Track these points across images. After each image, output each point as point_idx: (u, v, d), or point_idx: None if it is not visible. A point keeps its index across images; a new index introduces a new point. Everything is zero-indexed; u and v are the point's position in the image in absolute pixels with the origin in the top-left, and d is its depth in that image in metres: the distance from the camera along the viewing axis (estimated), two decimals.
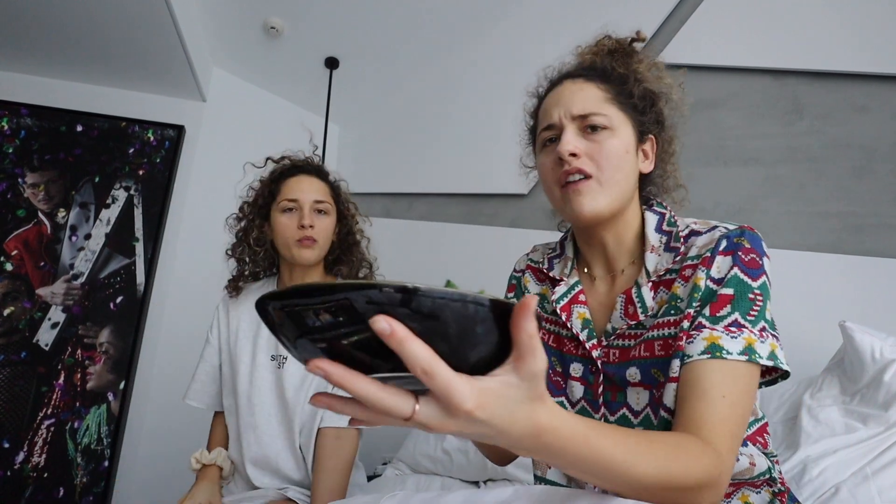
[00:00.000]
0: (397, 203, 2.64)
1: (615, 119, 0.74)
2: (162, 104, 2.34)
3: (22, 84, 2.22)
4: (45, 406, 2.03)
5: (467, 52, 2.43)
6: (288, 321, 0.33)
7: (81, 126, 2.23)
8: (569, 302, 0.80)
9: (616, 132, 0.74)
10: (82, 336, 2.11)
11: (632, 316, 0.72)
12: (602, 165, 0.72)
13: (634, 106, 0.78)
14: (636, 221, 0.80)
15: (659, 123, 0.82)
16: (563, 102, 0.76)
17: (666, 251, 0.74)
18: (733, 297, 0.65)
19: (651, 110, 0.80)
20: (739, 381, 0.60)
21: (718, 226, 0.73)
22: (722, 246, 0.68)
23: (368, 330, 0.30)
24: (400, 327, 0.30)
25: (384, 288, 0.30)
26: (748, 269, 0.66)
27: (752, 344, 0.62)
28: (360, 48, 2.40)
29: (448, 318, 0.32)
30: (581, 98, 0.75)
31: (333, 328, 0.32)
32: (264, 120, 2.61)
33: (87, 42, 2.01)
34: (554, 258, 0.89)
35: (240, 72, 2.51)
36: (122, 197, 2.24)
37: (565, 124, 0.75)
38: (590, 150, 0.73)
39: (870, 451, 1.01)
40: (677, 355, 0.65)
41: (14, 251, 2.11)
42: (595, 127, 0.73)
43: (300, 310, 0.32)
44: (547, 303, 0.85)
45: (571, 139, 0.73)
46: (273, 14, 2.18)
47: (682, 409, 0.61)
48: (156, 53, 2.04)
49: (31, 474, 1.98)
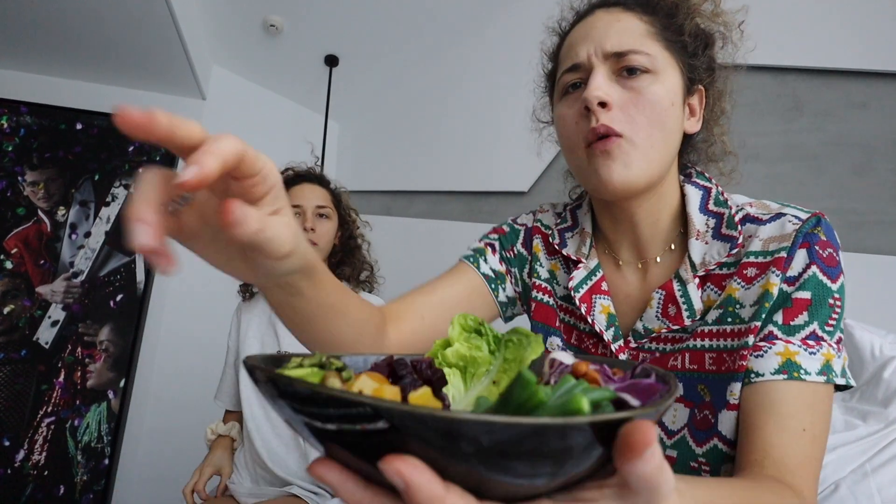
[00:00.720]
0: (397, 201, 2.64)
1: (660, 60, 0.58)
2: (162, 102, 2.34)
3: (21, 82, 2.22)
4: (46, 404, 2.03)
5: (467, 50, 2.43)
6: (277, 396, 0.24)
7: (81, 124, 2.23)
8: (589, 291, 0.67)
9: (660, 77, 0.58)
10: (82, 334, 2.11)
11: (673, 318, 0.60)
12: (638, 121, 0.57)
13: (684, 45, 0.61)
14: (674, 197, 0.65)
15: (711, 71, 0.65)
16: (593, 37, 0.60)
17: (716, 239, 0.60)
18: (811, 302, 0.54)
19: (704, 54, 0.63)
20: (819, 407, 0.52)
21: (785, 212, 0.59)
22: (799, 242, 0.56)
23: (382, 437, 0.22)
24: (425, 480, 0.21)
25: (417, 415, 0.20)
26: (827, 267, 0.55)
27: (829, 361, 0.53)
28: (359, 46, 2.40)
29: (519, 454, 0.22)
30: (617, 31, 0.59)
31: (337, 423, 0.23)
32: (264, 118, 2.61)
33: (86, 40, 2.00)
34: (565, 231, 0.74)
35: (240, 70, 2.51)
36: (122, 195, 2.24)
37: (595, 64, 0.59)
38: (624, 100, 0.57)
39: (869, 449, 1.01)
40: (738, 377, 0.54)
41: (14, 249, 2.11)
42: (633, 69, 0.57)
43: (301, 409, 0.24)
44: (557, 285, 0.72)
45: (602, 83, 0.57)
46: (273, 12, 2.18)
47: (754, 439, 0.52)
48: (156, 51, 2.04)
49: (32, 472, 1.98)
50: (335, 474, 0.25)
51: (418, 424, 0.20)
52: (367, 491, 0.25)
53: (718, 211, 0.62)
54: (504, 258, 0.76)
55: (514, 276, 0.76)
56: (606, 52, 0.58)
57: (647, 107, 0.57)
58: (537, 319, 0.72)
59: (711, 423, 0.57)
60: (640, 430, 0.22)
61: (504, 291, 0.75)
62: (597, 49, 0.59)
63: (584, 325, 0.67)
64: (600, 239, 0.71)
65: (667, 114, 0.58)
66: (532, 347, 0.38)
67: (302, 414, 0.24)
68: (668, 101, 0.58)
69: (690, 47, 0.62)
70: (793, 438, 0.50)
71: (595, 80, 0.57)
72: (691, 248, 0.61)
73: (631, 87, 0.57)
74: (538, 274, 0.74)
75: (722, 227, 0.61)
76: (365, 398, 0.21)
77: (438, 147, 2.51)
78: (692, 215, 0.62)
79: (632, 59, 0.57)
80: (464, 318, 0.40)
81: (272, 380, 0.24)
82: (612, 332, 0.64)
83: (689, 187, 0.65)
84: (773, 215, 0.59)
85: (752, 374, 0.53)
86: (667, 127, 0.58)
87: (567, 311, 0.70)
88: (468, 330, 0.40)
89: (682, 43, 0.61)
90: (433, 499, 0.21)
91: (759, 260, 0.57)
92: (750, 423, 0.53)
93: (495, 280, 0.74)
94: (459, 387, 0.36)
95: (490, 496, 0.24)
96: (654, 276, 0.65)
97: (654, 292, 0.61)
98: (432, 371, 0.32)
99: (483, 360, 0.38)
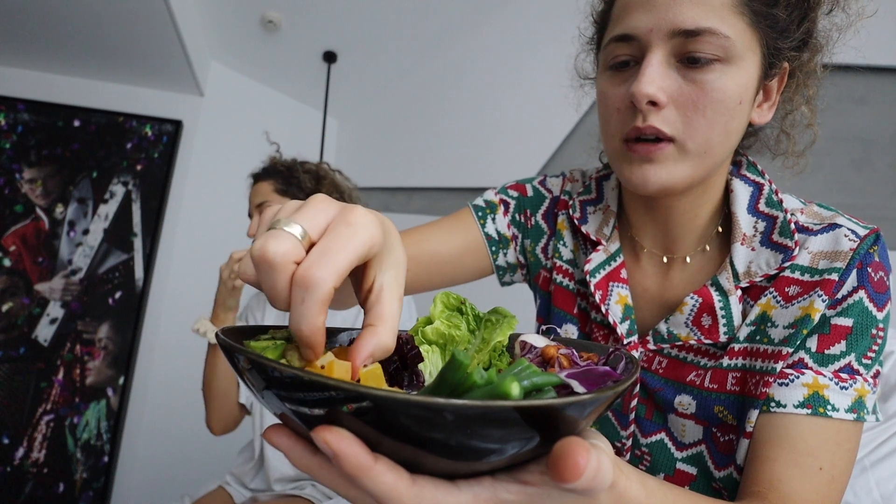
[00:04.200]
0: (396, 197, 2.64)
1: (738, 44, 0.46)
2: (159, 99, 2.33)
3: (19, 79, 2.21)
4: (45, 402, 2.03)
5: (466, 46, 2.42)
6: (258, 376, 0.25)
7: (79, 121, 2.22)
8: (606, 277, 0.59)
9: (733, 66, 0.46)
10: (81, 332, 2.11)
11: (707, 331, 0.52)
12: (695, 123, 0.47)
13: (775, 19, 0.47)
14: (717, 191, 0.56)
15: (803, 47, 0.52)
16: (657, 3, 0.46)
17: (765, 246, 0.52)
18: (851, 330, 0.47)
19: (800, 27, 0.49)
20: (843, 445, 0.46)
21: (839, 222, 0.50)
22: (855, 264, 0.47)
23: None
24: (352, 451, 0.22)
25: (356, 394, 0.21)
26: (876, 293, 0.47)
27: (863, 397, 0.46)
28: (358, 42, 2.39)
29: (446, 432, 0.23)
30: (692, 1, 0.45)
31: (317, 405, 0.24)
32: (262, 114, 2.60)
33: (84, 37, 1.99)
34: (587, 203, 0.64)
35: (237, 66, 2.50)
36: (120, 192, 2.23)
37: (653, 43, 0.47)
38: (683, 96, 0.47)
39: (868, 443, 1.01)
40: (757, 404, 0.48)
41: (12, 247, 2.10)
42: (699, 59, 0.45)
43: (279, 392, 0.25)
44: (576, 267, 0.64)
45: (657, 75, 0.46)
46: (271, 8, 2.17)
47: (762, 470, 0.46)
48: (153, 48, 2.03)
49: (31, 470, 1.98)
50: (285, 440, 0.26)
51: (341, 398, 0.22)
52: (314, 457, 0.26)
53: (770, 213, 0.53)
54: (515, 222, 0.69)
55: (523, 246, 0.69)
56: (673, 28, 0.45)
57: (710, 107, 0.46)
58: (557, 305, 0.65)
59: (734, 448, 0.51)
60: (570, 457, 0.23)
61: (505, 256, 0.69)
62: (660, 23, 0.46)
63: (597, 315, 0.60)
64: (624, 220, 0.62)
65: (732, 114, 0.47)
66: (502, 328, 0.39)
67: (251, 385, 0.25)
68: (737, 99, 0.47)
69: (784, 21, 0.48)
70: (806, 475, 0.45)
71: (649, 70, 0.46)
72: (735, 254, 0.52)
73: (694, 80, 0.46)
74: (560, 254, 0.65)
75: (773, 232, 0.52)
76: (290, 369, 0.22)
77: (437, 143, 2.51)
78: (738, 216, 0.53)
79: (703, 43, 0.45)
80: (446, 297, 0.41)
81: (227, 349, 0.25)
82: (626, 326, 0.57)
83: (738, 182, 0.55)
84: (826, 226, 0.50)
85: (772, 403, 0.47)
86: (729, 129, 0.48)
87: (585, 297, 0.63)
88: (450, 308, 0.41)
89: (772, 17, 0.47)
90: (360, 467, 0.23)
91: (805, 278, 0.49)
92: (760, 453, 0.47)
93: (498, 243, 0.68)
94: (438, 364, 0.37)
95: (425, 471, 0.25)
96: (681, 275, 0.57)
97: (689, 297, 0.53)
98: (409, 347, 0.33)
99: (462, 338, 0.39)
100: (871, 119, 1.47)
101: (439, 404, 0.21)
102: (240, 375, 0.26)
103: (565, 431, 0.25)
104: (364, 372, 0.27)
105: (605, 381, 0.29)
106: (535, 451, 0.25)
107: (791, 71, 0.53)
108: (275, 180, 1.31)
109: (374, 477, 0.23)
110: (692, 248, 0.57)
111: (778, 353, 0.48)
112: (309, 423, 0.24)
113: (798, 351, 0.48)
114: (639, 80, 0.46)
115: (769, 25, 0.48)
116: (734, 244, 0.53)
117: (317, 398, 0.22)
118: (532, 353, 0.35)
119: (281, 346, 0.30)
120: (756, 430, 0.48)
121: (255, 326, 0.33)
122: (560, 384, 0.28)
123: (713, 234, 0.56)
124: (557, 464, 0.23)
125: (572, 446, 0.23)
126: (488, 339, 0.39)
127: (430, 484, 0.25)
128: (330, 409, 0.23)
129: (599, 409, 0.26)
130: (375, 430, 0.23)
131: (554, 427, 0.24)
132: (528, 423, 0.23)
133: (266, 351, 0.29)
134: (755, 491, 0.46)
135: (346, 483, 0.26)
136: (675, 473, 0.55)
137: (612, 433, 0.59)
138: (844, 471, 0.46)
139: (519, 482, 0.26)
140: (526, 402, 0.22)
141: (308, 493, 1.18)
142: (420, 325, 0.40)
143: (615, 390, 0.25)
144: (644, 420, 0.56)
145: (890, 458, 0.97)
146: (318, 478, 0.26)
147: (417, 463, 0.24)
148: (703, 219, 0.56)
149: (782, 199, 0.54)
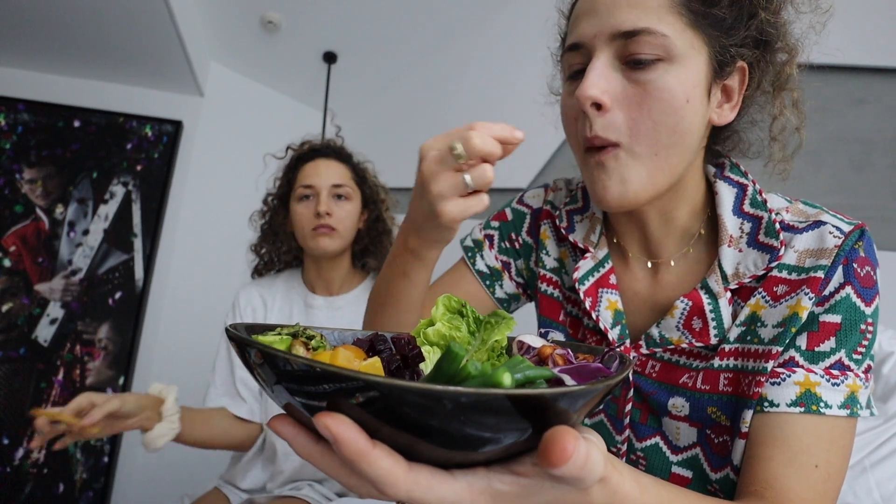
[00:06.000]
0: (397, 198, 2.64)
1: (679, 42, 0.47)
2: (159, 99, 2.33)
3: (19, 79, 2.21)
4: (45, 402, 2.03)
5: (467, 47, 2.42)
6: (269, 369, 0.26)
7: (79, 121, 2.22)
8: (595, 283, 0.60)
9: (676, 64, 0.47)
10: (81, 332, 2.11)
11: (697, 334, 0.53)
12: (641, 125, 0.47)
13: (717, 19, 0.48)
14: (697, 193, 0.56)
15: (760, 43, 0.51)
16: (599, 8, 0.48)
17: (751, 247, 0.52)
18: (840, 327, 0.48)
19: (747, 25, 0.50)
20: (837, 442, 0.47)
21: (823, 219, 0.51)
22: (840, 261, 0.48)
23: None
24: (351, 438, 0.24)
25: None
26: (863, 288, 0.48)
27: (855, 392, 0.47)
28: (358, 43, 2.39)
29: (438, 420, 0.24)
30: (629, 4, 0.47)
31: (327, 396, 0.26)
32: (262, 115, 2.60)
33: (84, 37, 2.00)
34: (574, 213, 0.65)
35: (237, 67, 2.50)
36: (120, 192, 2.23)
37: (597, 47, 0.48)
38: (627, 98, 0.48)
39: (868, 444, 1.01)
40: (750, 404, 0.49)
41: (12, 247, 2.10)
42: (640, 60, 0.47)
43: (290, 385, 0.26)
44: (566, 274, 0.66)
45: (598, 78, 0.47)
46: (271, 8, 2.17)
47: (758, 470, 0.47)
48: (153, 49, 2.03)
49: (31, 470, 1.98)
50: (289, 429, 0.27)
51: (340, 384, 0.23)
52: (316, 446, 0.27)
53: (755, 214, 0.53)
54: (503, 250, 0.72)
55: (515, 268, 0.72)
56: (613, 31, 0.47)
57: (655, 106, 0.47)
58: (543, 314, 0.68)
59: (729, 450, 0.52)
60: (558, 442, 0.24)
61: (502, 288, 0.71)
62: (602, 27, 0.48)
63: (589, 321, 0.61)
64: (610, 226, 0.63)
65: (680, 113, 0.47)
66: (500, 329, 0.40)
67: (257, 376, 0.27)
68: (683, 98, 0.47)
69: (727, 20, 0.49)
70: (802, 473, 0.45)
71: (592, 73, 0.47)
72: (722, 257, 0.53)
73: (637, 81, 0.47)
74: (544, 263, 0.68)
75: (759, 233, 0.52)
76: (294, 356, 0.24)
77: None
78: (724, 218, 0.54)
79: (642, 44, 0.46)
80: (447, 299, 0.42)
81: (237, 341, 0.27)
82: (617, 331, 0.58)
83: (721, 184, 0.56)
84: (811, 223, 0.51)
85: (765, 403, 0.48)
86: (679, 129, 0.48)
87: (574, 304, 0.64)
88: (451, 310, 0.42)
89: (713, 16, 0.48)
90: (359, 452, 0.24)
91: (791, 276, 0.50)
92: (756, 454, 0.48)
93: (490, 277, 0.71)
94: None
95: (421, 459, 0.26)
96: (668, 279, 0.58)
97: (679, 301, 0.53)
98: (411, 347, 0.34)
99: (462, 339, 0.40)
100: (871, 119, 1.47)
101: (435, 391, 0.22)
102: (250, 369, 0.27)
103: (557, 424, 0.25)
104: (364, 365, 0.29)
105: (597, 376, 0.29)
106: (528, 443, 0.26)
107: (751, 70, 0.53)
108: (350, 167, 1.26)
109: (371, 462, 0.24)
110: (675, 251, 0.58)
111: (768, 352, 0.49)
112: (312, 410, 0.25)
113: (788, 350, 0.49)
114: (582, 84, 0.48)
115: (711, 25, 0.49)
116: (721, 246, 0.53)
117: (319, 384, 0.24)
118: (528, 354, 0.36)
119: (287, 340, 0.32)
120: (751, 431, 0.49)
121: (264, 325, 0.35)
122: (552, 378, 0.29)
123: (695, 238, 0.57)
124: (546, 448, 0.24)
125: (561, 433, 0.24)
126: (487, 340, 0.40)
127: (426, 471, 0.26)
128: (331, 396, 0.24)
129: (591, 402, 0.27)
130: (374, 416, 0.24)
131: (546, 418, 0.25)
132: (519, 413, 0.24)
133: (274, 345, 0.31)
134: (752, 490, 0.47)
135: (346, 471, 0.27)
136: (671, 477, 0.56)
137: (607, 438, 0.60)
138: (840, 467, 0.47)
139: (513, 473, 0.27)
140: (517, 390, 0.23)
141: (305, 493, 1.17)
142: (422, 326, 0.41)
143: (606, 383, 0.26)
144: (639, 424, 0.57)
145: (890, 459, 0.97)
146: (320, 465, 0.28)
147: (414, 451, 0.25)
148: (682, 221, 0.57)
149: (766, 199, 0.55)
